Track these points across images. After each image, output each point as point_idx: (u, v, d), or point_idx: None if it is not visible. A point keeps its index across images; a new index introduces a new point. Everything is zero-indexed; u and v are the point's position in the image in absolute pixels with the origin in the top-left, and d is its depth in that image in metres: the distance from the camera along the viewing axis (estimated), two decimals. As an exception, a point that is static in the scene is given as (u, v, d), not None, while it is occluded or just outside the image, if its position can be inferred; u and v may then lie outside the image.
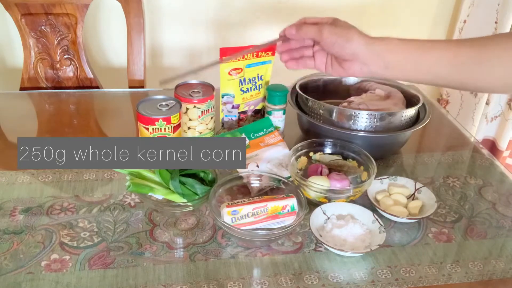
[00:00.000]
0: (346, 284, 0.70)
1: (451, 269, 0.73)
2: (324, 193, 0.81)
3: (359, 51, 0.69)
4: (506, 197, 0.90)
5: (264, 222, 0.75)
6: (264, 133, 0.95)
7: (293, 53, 0.78)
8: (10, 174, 0.88)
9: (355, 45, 0.69)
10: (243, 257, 0.73)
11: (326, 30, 0.70)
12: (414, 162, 0.99)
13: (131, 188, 0.76)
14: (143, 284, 0.68)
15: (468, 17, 1.75)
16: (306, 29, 0.72)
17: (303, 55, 0.77)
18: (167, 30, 1.69)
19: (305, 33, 0.72)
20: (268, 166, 0.88)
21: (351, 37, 0.69)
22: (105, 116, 1.16)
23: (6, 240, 0.74)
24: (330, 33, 0.70)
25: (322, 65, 0.76)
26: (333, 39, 0.70)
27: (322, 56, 0.76)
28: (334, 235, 0.76)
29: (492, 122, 1.81)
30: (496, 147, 1.82)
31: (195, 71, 0.77)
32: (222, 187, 0.81)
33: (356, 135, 0.91)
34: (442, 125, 1.15)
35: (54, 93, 1.24)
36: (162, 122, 0.84)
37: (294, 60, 0.78)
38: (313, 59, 0.77)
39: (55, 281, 0.67)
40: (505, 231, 0.82)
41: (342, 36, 0.69)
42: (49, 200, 0.82)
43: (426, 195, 0.85)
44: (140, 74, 1.34)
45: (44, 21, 1.28)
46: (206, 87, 0.94)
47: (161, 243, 0.75)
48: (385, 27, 1.81)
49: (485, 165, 1.00)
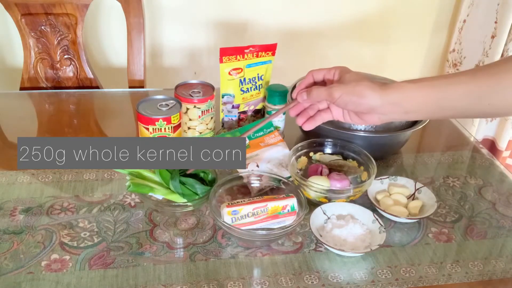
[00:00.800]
0: (346, 284, 0.70)
1: (451, 269, 0.73)
2: (324, 193, 0.81)
3: (375, 105, 0.67)
4: (506, 197, 0.90)
5: (264, 222, 0.75)
6: (264, 133, 0.95)
7: (308, 111, 0.76)
8: (10, 174, 0.88)
9: (369, 100, 0.67)
10: (243, 257, 0.73)
11: (336, 92, 0.68)
12: (414, 162, 0.99)
13: (131, 188, 0.76)
14: (143, 284, 0.68)
15: (468, 17, 1.75)
16: (316, 94, 0.71)
17: (318, 109, 0.76)
18: (167, 30, 1.69)
19: (316, 98, 0.71)
20: (268, 166, 0.88)
21: (364, 94, 0.67)
22: (105, 116, 1.16)
23: (6, 240, 0.74)
24: (341, 93, 0.68)
25: (340, 116, 0.74)
26: (346, 99, 0.68)
27: (338, 109, 0.74)
28: (334, 235, 0.76)
29: (491, 122, 1.81)
30: (495, 147, 1.82)
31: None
32: (222, 187, 0.82)
33: (356, 135, 0.91)
34: (442, 125, 1.15)
35: (54, 93, 1.24)
36: (162, 122, 0.84)
37: (311, 119, 0.76)
38: (330, 111, 0.75)
39: (55, 281, 0.67)
40: (505, 231, 0.82)
41: (354, 94, 0.67)
42: (49, 200, 0.82)
43: (426, 195, 0.85)
44: (140, 74, 1.34)
45: (44, 21, 1.28)
46: (206, 87, 0.94)
47: (161, 243, 0.75)
48: (386, 28, 1.81)
49: (485, 165, 1.00)
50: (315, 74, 0.74)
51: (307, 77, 0.75)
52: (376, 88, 0.67)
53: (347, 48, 1.83)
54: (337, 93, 0.68)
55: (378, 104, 0.67)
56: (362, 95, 0.67)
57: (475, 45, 1.73)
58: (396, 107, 0.67)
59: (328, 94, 0.69)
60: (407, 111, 0.67)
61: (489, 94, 0.63)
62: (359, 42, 1.83)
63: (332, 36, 1.80)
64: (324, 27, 1.77)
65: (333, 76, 0.72)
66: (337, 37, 1.80)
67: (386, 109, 0.67)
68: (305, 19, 1.74)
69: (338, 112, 0.74)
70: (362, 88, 0.67)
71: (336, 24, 1.77)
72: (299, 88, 0.75)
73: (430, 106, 0.66)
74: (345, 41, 1.82)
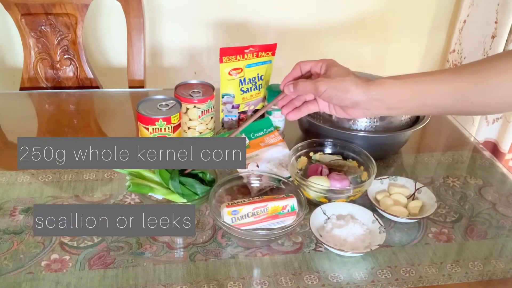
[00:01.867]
0: (346, 284, 0.70)
1: (451, 269, 0.73)
2: (324, 193, 0.81)
3: (358, 100, 0.68)
4: (506, 197, 0.90)
5: (264, 222, 0.75)
6: (264, 133, 0.95)
7: (294, 102, 0.78)
8: (10, 174, 0.88)
9: (353, 95, 0.68)
10: (243, 257, 0.73)
11: (321, 85, 0.70)
12: (414, 162, 0.99)
13: (131, 188, 0.76)
14: (143, 284, 0.68)
15: (468, 17, 1.75)
16: (302, 87, 0.72)
17: (305, 100, 0.77)
18: (167, 30, 1.69)
19: (302, 90, 0.73)
20: (268, 166, 0.88)
21: (348, 89, 0.68)
22: (105, 116, 1.16)
23: (6, 240, 0.74)
24: (326, 87, 0.69)
25: (326, 108, 0.76)
26: (331, 94, 0.69)
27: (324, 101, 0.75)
28: (334, 235, 0.76)
29: (493, 124, 1.81)
30: (498, 149, 1.81)
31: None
32: (222, 187, 0.82)
33: (356, 135, 0.91)
34: (442, 125, 1.15)
35: (54, 93, 1.24)
36: (162, 122, 0.84)
37: (296, 110, 0.77)
38: (316, 103, 0.76)
39: (55, 281, 0.67)
40: (505, 231, 0.82)
41: (339, 89, 0.69)
42: (49, 200, 0.82)
43: (426, 195, 0.85)
44: (140, 74, 1.34)
45: (44, 21, 1.28)
46: (206, 87, 0.94)
47: (161, 243, 0.75)
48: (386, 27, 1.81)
49: (485, 165, 1.00)
50: (302, 66, 0.76)
51: (295, 69, 0.77)
52: (360, 84, 0.68)
53: (347, 48, 1.83)
54: (322, 87, 0.69)
55: (362, 100, 0.68)
56: (346, 90, 0.68)
57: (475, 45, 1.73)
58: (379, 103, 0.68)
59: (314, 88, 0.71)
60: (390, 107, 0.68)
61: (471, 92, 0.64)
62: (359, 42, 1.84)
63: (332, 36, 1.80)
64: (324, 27, 1.77)
65: (320, 69, 0.74)
66: (337, 37, 1.80)
67: (370, 104, 0.69)
68: (305, 19, 1.74)
69: (324, 104, 0.75)
70: (346, 83, 0.68)
71: (337, 24, 1.77)
72: (286, 80, 0.76)
73: (413, 102, 0.67)
74: (345, 41, 1.82)
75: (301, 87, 0.73)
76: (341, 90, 0.69)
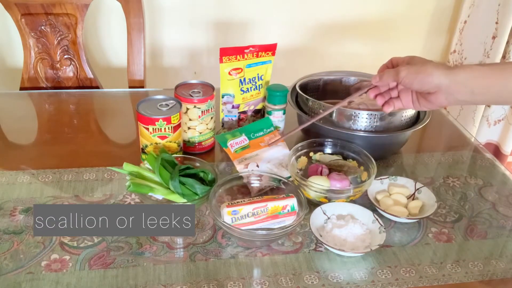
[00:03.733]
0: (346, 284, 0.70)
1: (451, 269, 0.73)
2: (324, 193, 0.81)
3: (441, 83, 0.69)
4: (506, 197, 0.90)
5: (264, 222, 0.75)
6: (264, 133, 0.95)
7: (384, 96, 0.80)
8: (10, 174, 0.88)
9: (435, 78, 0.69)
10: (243, 257, 0.73)
11: (402, 71, 0.72)
12: (414, 162, 0.99)
13: (131, 188, 0.76)
14: (143, 284, 0.68)
15: (469, 17, 1.75)
16: (386, 75, 0.75)
17: (390, 96, 0.79)
18: (167, 30, 1.69)
19: (386, 78, 0.75)
20: (268, 166, 0.88)
21: (430, 72, 0.69)
22: (105, 116, 1.16)
23: (6, 240, 0.74)
24: (407, 72, 0.71)
25: (409, 103, 0.77)
26: (412, 78, 0.71)
27: (407, 95, 0.77)
28: (334, 235, 0.76)
29: (495, 126, 1.80)
30: (500, 151, 1.81)
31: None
32: (222, 187, 0.81)
33: (356, 135, 0.91)
34: (442, 125, 1.15)
35: (54, 93, 1.24)
36: (162, 122, 0.84)
37: (387, 103, 0.80)
38: (400, 99, 0.78)
39: (55, 281, 0.67)
40: (505, 231, 0.82)
41: (420, 72, 0.70)
42: (49, 200, 0.82)
43: (426, 195, 0.85)
44: (140, 74, 1.34)
45: (44, 21, 1.28)
46: (206, 87, 0.94)
47: (161, 243, 0.75)
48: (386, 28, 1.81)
49: (485, 165, 1.00)
50: (393, 60, 0.78)
51: (387, 62, 0.79)
52: (442, 68, 0.69)
53: (348, 48, 1.83)
54: (403, 72, 0.72)
55: (445, 83, 0.69)
56: (428, 73, 0.70)
57: (476, 46, 1.73)
58: (462, 87, 0.69)
59: (395, 74, 0.73)
60: (473, 92, 0.69)
61: None
62: (359, 42, 1.83)
63: (333, 36, 1.80)
64: (325, 27, 1.77)
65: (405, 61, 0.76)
66: (337, 37, 1.80)
67: (453, 88, 0.69)
68: (305, 19, 1.74)
69: (407, 99, 0.77)
70: (427, 67, 0.70)
71: (337, 24, 1.77)
72: (378, 71, 0.79)
73: (495, 88, 0.68)
74: (345, 41, 1.82)
75: (385, 76, 0.75)
76: (422, 73, 0.70)
